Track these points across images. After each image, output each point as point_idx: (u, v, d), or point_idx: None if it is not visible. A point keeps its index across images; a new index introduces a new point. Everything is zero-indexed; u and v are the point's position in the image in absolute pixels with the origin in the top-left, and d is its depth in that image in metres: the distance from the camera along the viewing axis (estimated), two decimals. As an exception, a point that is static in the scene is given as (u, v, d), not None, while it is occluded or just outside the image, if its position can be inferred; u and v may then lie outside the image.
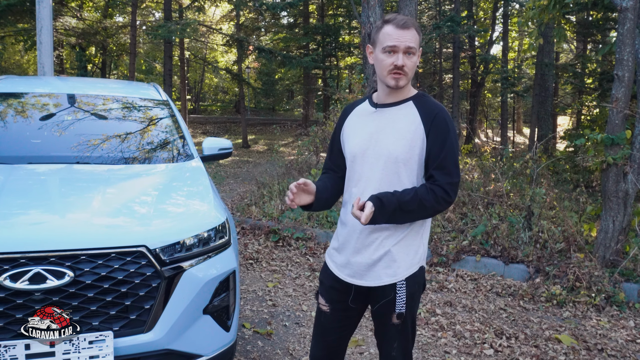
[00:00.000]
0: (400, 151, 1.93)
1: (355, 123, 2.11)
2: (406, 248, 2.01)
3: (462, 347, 3.59)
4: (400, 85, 1.94)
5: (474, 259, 5.21)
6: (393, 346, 2.08)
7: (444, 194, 1.90)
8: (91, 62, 27.55)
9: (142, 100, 4.03)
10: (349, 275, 2.05)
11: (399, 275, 2.00)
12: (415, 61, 1.96)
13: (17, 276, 2.16)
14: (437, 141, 1.93)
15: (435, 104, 2.00)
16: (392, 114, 2.00)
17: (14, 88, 3.89)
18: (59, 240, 2.26)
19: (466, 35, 16.56)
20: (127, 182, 2.99)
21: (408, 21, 1.94)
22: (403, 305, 2.01)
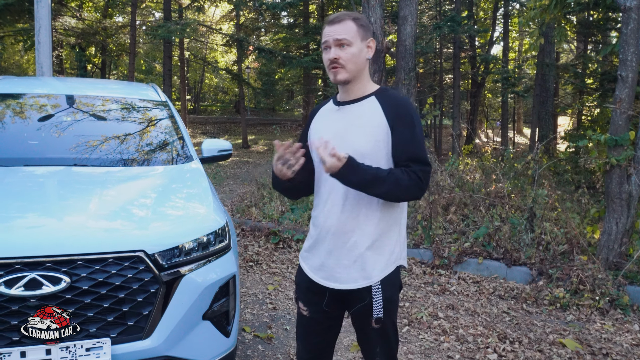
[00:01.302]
0: (366, 147, 1.91)
1: (320, 123, 2.10)
2: (380, 249, 1.98)
3: (466, 352, 3.54)
4: (339, 79, 1.93)
5: (476, 261, 5.16)
6: (376, 351, 2.05)
7: (418, 180, 1.87)
8: (91, 62, 27.52)
9: (140, 101, 3.98)
10: (324, 277, 2.02)
11: (373, 278, 1.96)
12: (352, 52, 1.91)
13: (12, 282, 2.11)
14: (405, 134, 1.90)
15: (397, 97, 1.98)
16: (355, 111, 1.98)
17: (12, 89, 3.84)
18: (55, 245, 2.21)
19: (466, 35, 16.51)
20: (125, 184, 2.94)
21: (340, 15, 1.94)
22: (381, 310, 1.98)
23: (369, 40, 1.97)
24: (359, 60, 1.93)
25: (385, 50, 10.52)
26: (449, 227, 6.09)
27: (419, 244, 5.61)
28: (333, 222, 1.97)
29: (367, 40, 1.96)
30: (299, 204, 7.04)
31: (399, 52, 11.32)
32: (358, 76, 1.96)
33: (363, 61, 1.95)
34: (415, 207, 6.46)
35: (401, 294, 4.58)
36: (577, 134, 12.48)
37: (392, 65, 15.79)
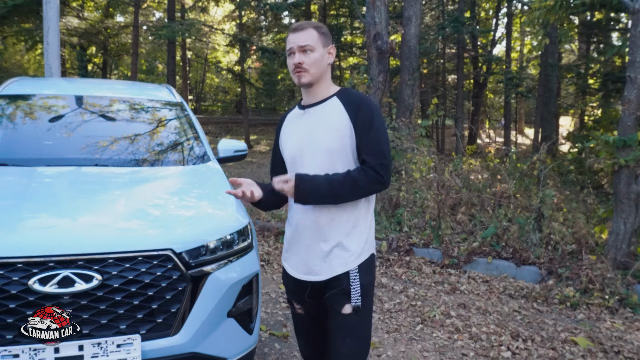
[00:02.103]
0: (333, 143, 2.02)
1: (288, 129, 2.20)
2: (357, 237, 2.07)
3: (480, 350, 3.59)
4: (303, 82, 2.04)
5: (485, 260, 5.21)
6: (345, 342, 2.05)
7: (376, 174, 1.96)
8: (92, 62, 27.56)
9: (157, 102, 4.03)
10: (305, 272, 2.11)
11: (350, 264, 2.04)
12: (315, 57, 2.03)
13: (46, 280, 2.16)
14: (365, 128, 2.00)
15: (358, 95, 2.09)
16: (320, 112, 2.09)
17: (31, 90, 3.89)
18: (87, 244, 2.26)
19: (469, 36, 16.56)
20: (148, 184, 2.99)
21: (303, 24, 2.08)
22: (359, 298, 2.03)
23: (329, 47, 2.10)
24: (321, 65, 2.06)
25: (390, 51, 10.56)
26: (456, 227, 6.14)
27: (428, 244, 5.66)
28: (309, 218, 2.06)
29: (328, 47, 2.09)
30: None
31: (402, 53, 11.38)
32: (320, 79, 2.08)
33: (325, 66, 2.08)
34: (423, 207, 6.51)
35: (412, 292, 4.64)
36: (581, 134, 12.53)
37: (394, 66, 15.84)
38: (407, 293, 4.64)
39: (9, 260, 2.13)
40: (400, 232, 6.03)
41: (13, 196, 2.56)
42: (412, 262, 5.36)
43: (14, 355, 2.11)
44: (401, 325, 4.00)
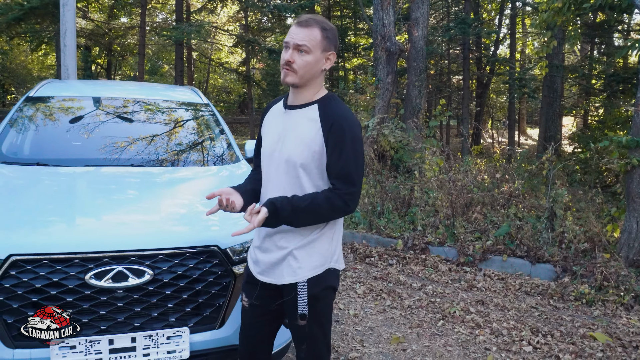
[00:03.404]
0: (299, 157, 1.94)
1: (269, 123, 2.13)
2: (310, 250, 2.02)
3: (501, 344, 3.69)
4: (287, 81, 1.94)
5: (500, 258, 5.32)
6: (301, 347, 2.10)
7: (342, 203, 1.92)
8: (95, 63, 27.67)
9: (185, 103, 4.14)
10: (259, 272, 2.10)
11: (299, 276, 2.01)
12: (307, 60, 1.92)
13: (101, 275, 2.26)
14: (335, 149, 1.91)
15: (336, 110, 1.96)
16: (297, 118, 2.00)
17: (64, 92, 4.00)
18: (139, 240, 2.36)
19: (474, 37, 16.67)
20: (188, 184, 3.11)
21: (310, 20, 1.94)
22: (305, 307, 2.02)
23: (330, 52, 1.97)
24: (313, 70, 1.94)
25: (399, 53, 10.67)
26: (468, 226, 6.24)
27: (443, 242, 5.76)
28: None
29: (328, 53, 1.97)
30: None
31: (410, 54, 11.48)
32: (309, 84, 1.98)
33: (318, 71, 1.96)
34: (436, 206, 6.62)
35: (430, 289, 4.74)
36: (585, 135, 12.65)
37: (399, 67, 15.93)
38: (425, 290, 4.75)
39: (67, 255, 2.24)
40: (414, 231, 6.13)
41: (63, 195, 2.67)
42: (428, 260, 5.46)
43: (71, 346, 2.22)
44: (423, 321, 4.10)
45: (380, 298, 4.58)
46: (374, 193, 7.05)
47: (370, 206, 6.81)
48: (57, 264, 2.22)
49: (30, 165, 3.12)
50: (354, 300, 4.54)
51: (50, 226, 2.42)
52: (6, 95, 35.05)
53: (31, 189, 2.80)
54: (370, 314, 4.24)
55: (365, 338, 3.78)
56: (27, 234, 2.32)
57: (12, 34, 12.13)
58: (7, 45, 27.59)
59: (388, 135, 8.75)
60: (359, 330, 3.93)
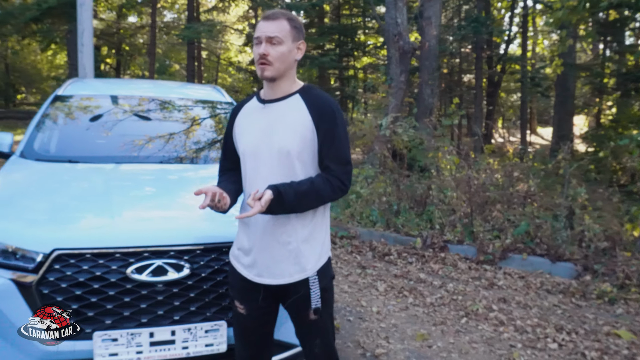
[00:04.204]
0: (292, 145, 1.95)
1: (244, 121, 2.11)
2: (313, 241, 2.03)
3: (526, 342, 3.71)
4: (265, 75, 1.96)
5: (519, 257, 5.32)
6: (315, 343, 2.10)
7: (340, 183, 1.96)
8: (104, 62, 27.85)
9: (211, 102, 4.18)
10: (257, 275, 2.04)
11: (308, 270, 2.01)
12: (281, 51, 1.95)
13: (141, 269, 2.30)
14: (328, 133, 1.96)
15: (321, 96, 2.02)
16: (281, 109, 2.01)
17: (92, 91, 4.05)
18: (178, 235, 2.40)
19: (486, 35, 16.64)
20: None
21: (276, 12, 1.99)
22: (318, 300, 2.03)
23: (300, 42, 2.01)
24: (288, 60, 1.97)
25: (412, 51, 10.68)
26: (486, 225, 6.24)
27: (461, 241, 5.77)
28: (265, 219, 1.98)
29: (298, 42, 2.01)
30: (338, 201, 7.21)
31: (422, 53, 11.47)
32: (285, 75, 2.00)
33: (291, 61, 2.00)
34: (452, 205, 6.63)
35: (451, 287, 4.76)
36: (598, 134, 12.61)
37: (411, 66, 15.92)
38: (446, 288, 4.76)
39: (109, 250, 2.28)
40: (432, 229, 6.15)
41: (99, 191, 2.71)
42: (448, 258, 5.47)
43: (113, 339, 2.26)
44: (446, 318, 4.12)
45: (402, 295, 4.60)
46: (390, 192, 7.06)
47: (387, 205, 6.82)
48: (99, 259, 2.26)
49: (62, 163, 3.16)
50: (376, 297, 4.56)
51: (92, 221, 2.46)
52: (16, 95, 35.34)
53: (68, 186, 2.85)
54: (393, 311, 4.26)
55: (390, 335, 3.81)
56: (71, 229, 2.37)
57: (26, 33, 12.22)
58: (18, 45, 27.84)
59: (401, 134, 8.75)
60: (383, 327, 3.95)
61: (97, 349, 2.22)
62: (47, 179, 2.94)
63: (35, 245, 2.25)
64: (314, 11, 19.84)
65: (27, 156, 3.25)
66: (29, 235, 2.30)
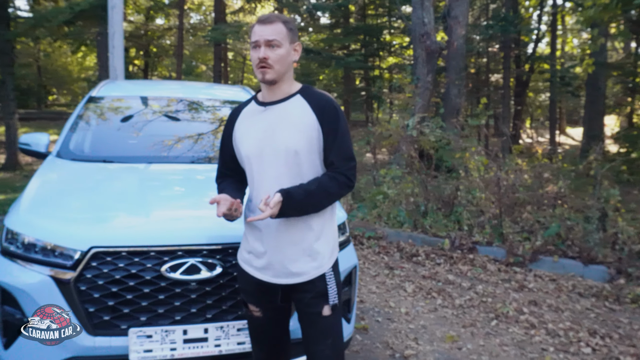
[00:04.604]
0: (299, 144, 1.96)
1: (245, 125, 2.10)
2: (326, 237, 2.07)
3: (559, 345, 3.65)
4: (266, 79, 1.97)
5: (550, 259, 5.23)
6: (327, 343, 2.06)
7: (346, 179, 1.98)
8: (133, 64, 28.30)
9: (239, 102, 4.21)
10: (273, 276, 2.04)
11: (325, 266, 2.04)
12: (280, 54, 1.97)
13: (175, 267, 2.33)
14: (331, 130, 1.99)
15: (321, 94, 2.05)
16: (283, 110, 2.02)
17: (125, 92, 4.13)
18: (211, 235, 2.42)
19: (515, 34, 16.40)
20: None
21: (272, 16, 2.01)
22: (336, 296, 2.06)
23: (296, 43, 2.05)
24: (286, 62, 2.00)
25: (439, 51, 10.59)
26: (515, 226, 6.15)
27: (490, 242, 5.71)
28: (277, 220, 1.98)
29: (294, 44, 2.04)
30: (366, 201, 7.20)
31: (449, 52, 11.37)
32: (284, 77, 2.02)
33: (290, 63, 2.03)
34: (480, 206, 6.55)
35: (481, 289, 4.71)
36: (632, 134, 12.32)
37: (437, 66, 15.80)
38: (475, 290, 4.71)
39: (144, 248, 2.31)
40: (460, 231, 6.09)
41: (134, 190, 2.75)
42: (476, 259, 5.42)
43: (148, 335, 2.29)
44: (475, 320, 4.08)
45: (431, 297, 4.57)
46: (418, 192, 7.01)
47: (414, 205, 6.78)
48: (134, 256, 2.30)
49: (96, 162, 3.23)
50: (404, 298, 4.54)
51: (128, 220, 2.51)
52: (48, 96, 36.17)
53: (103, 185, 2.91)
54: (422, 312, 4.24)
55: (419, 336, 3.78)
56: (107, 228, 2.41)
57: (58, 36, 12.51)
58: (49, 47, 28.48)
59: (428, 135, 8.69)
60: (412, 328, 3.93)
61: (132, 345, 2.26)
62: (82, 178, 3.01)
63: (73, 243, 2.30)
64: (339, 11, 19.86)
65: (63, 156, 3.32)
66: (67, 233, 2.35)
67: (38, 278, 2.27)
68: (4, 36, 11.92)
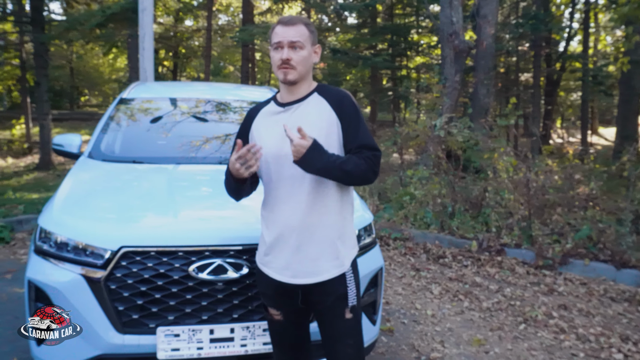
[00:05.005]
0: (321, 139, 1.93)
1: (263, 125, 2.10)
2: (345, 236, 2.07)
3: (589, 351, 3.57)
4: (289, 79, 1.99)
5: (581, 262, 5.13)
6: (348, 343, 2.06)
7: (372, 164, 1.95)
8: (162, 65, 28.73)
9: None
10: (292, 276, 2.02)
11: (345, 265, 2.04)
12: (303, 55, 2.00)
13: (202, 267, 2.36)
14: (352, 123, 2.00)
15: (338, 90, 2.07)
16: (302, 109, 2.03)
17: (155, 93, 4.20)
18: (238, 235, 2.45)
19: (545, 33, 16.11)
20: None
21: (293, 18, 2.02)
22: (355, 298, 2.05)
23: (316, 46, 2.07)
24: (308, 64, 2.03)
25: (468, 51, 10.47)
26: (545, 229, 6.05)
27: (519, 245, 5.62)
28: (297, 219, 1.98)
29: (315, 46, 2.06)
30: (392, 202, 7.17)
31: (478, 52, 11.22)
32: (305, 78, 2.04)
33: (311, 64, 2.05)
34: (509, 207, 6.46)
35: (509, 292, 4.64)
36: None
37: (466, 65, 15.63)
38: (503, 293, 4.65)
39: (172, 248, 2.35)
40: (488, 232, 6.01)
41: (163, 191, 2.80)
42: (504, 262, 5.34)
43: (175, 334, 2.33)
44: (503, 324, 4.02)
45: (457, 299, 4.52)
46: (445, 193, 6.95)
47: (441, 206, 6.73)
48: (163, 256, 2.34)
49: (126, 163, 3.29)
50: (430, 300, 4.51)
51: (156, 220, 2.55)
52: (80, 97, 37.01)
53: (133, 185, 2.97)
54: (448, 314, 4.20)
55: (445, 339, 3.75)
56: (137, 228, 2.46)
57: (90, 38, 12.81)
58: (82, 49, 29.15)
59: (456, 135, 8.60)
60: (438, 330, 3.90)
61: (160, 344, 2.30)
62: (113, 178, 3.07)
63: (103, 242, 2.35)
64: (366, 11, 19.77)
65: (95, 157, 3.40)
66: (98, 233, 2.40)
67: (70, 276, 2.33)
68: (38, 39, 12.25)
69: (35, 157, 15.32)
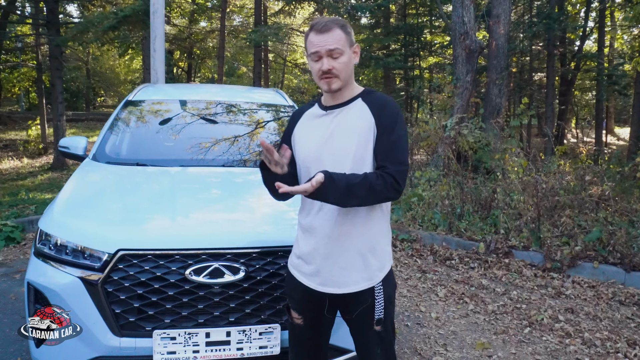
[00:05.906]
0: (356, 149, 1.90)
1: (305, 128, 2.06)
2: (377, 249, 1.98)
3: (594, 356, 3.52)
4: (333, 89, 1.93)
5: (590, 265, 5.06)
6: (377, 352, 2.04)
7: (393, 181, 1.84)
8: (177, 66, 28.95)
9: (274, 105, 4.27)
10: (321, 283, 1.98)
11: (375, 279, 1.97)
12: (344, 61, 1.92)
13: (199, 271, 2.37)
14: (387, 130, 1.91)
15: (383, 97, 1.99)
16: (343, 114, 1.97)
17: (163, 96, 4.25)
18: (234, 239, 2.46)
19: (559, 32, 15.93)
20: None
21: (328, 23, 1.91)
22: (382, 311, 1.99)
23: (355, 46, 1.98)
24: (349, 68, 1.95)
25: (480, 51, 10.40)
26: (554, 230, 5.98)
27: (527, 247, 5.56)
28: (330, 227, 1.94)
29: (353, 47, 1.97)
30: (400, 203, 7.14)
31: (490, 51, 11.14)
32: (348, 82, 1.98)
33: (352, 68, 1.97)
34: (519, 209, 6.40)
35: (515, 295, 4.60)
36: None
37: (479, 65, 15.51)
38: (509, 295, 4.61)
39: (169, 252, 2.37)
40: (496, 234, 5.96)
41: (163, 194, 2.83)
42: (512, 264, 5.29)
43: (171, 337, 2.34)
44: (508, 327, 3.99)
45: (463, 302, 4.49)
46: (454, 194, 6.91)
47: (450, 208, 6.69)
48: (160, 259, 2.36)
49: (130, 166, 3.32)
50: (435, 303, 4.48)
51: (154, 223, 2.58)
52: (96, 98, 37.45)
53: (134, 189, 2.99)
54: (453, 317, 4.17)
55: (448, 342, 3.73)
56: (134, 231, 2.48)
57: (105, 40, 12.97)
58: (98, 51, 29.49)
59: (467, 136, 8.54)
60: (442, 334, 3.88)
61: (156, 347, 2.31)
62: (115, 181, 3.10)
63: (101, 245, 2.37)
64: (379, 11, 19.73)
65: (99, 159, 3.44)
66: (96, 235, 2.43)
67: (68, 279, 2.36)
68: (53, 41, 12.41)
69: (50, 157, 15.54)
